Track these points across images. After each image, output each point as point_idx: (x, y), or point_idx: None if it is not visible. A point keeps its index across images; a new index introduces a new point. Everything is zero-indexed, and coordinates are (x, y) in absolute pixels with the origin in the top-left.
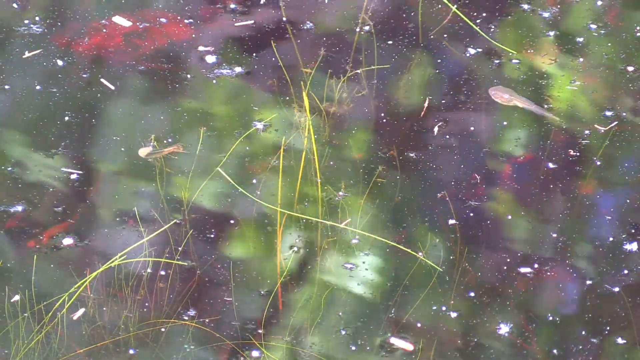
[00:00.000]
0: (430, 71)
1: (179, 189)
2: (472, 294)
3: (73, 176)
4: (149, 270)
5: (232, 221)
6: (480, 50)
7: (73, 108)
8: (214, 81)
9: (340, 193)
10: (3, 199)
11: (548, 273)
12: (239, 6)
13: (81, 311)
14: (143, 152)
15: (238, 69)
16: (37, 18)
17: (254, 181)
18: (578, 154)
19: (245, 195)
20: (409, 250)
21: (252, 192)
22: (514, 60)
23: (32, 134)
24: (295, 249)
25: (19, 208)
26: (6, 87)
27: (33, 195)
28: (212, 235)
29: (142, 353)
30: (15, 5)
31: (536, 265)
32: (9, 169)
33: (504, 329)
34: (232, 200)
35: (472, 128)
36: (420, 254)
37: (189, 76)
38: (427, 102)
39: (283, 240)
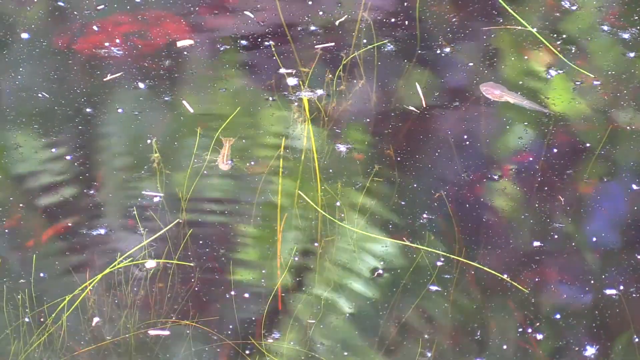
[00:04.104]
0: (427, 70)
1: (178, 188)
2: (558, 316)
3: (156, 199)
4: (148, 270)
5: (231, 221)
6: (561, 71)
7: (155, 131)
8: (295, 103)
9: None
10: (85, 222)
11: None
12: (319, 28)
13: (165, 333)
14: (225, 166)
15: (320, 91)
16: (117, 40)
17: (338, 203)
18: None
19: (326, 216)
20: (502, 277)
21: (252, 192)
22: (595, 82)
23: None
24: (380, 271)
25: (102, 231)
26: (88, 110)
27: (115, 218)
28: (212, 235)
29: (143, 353)
30: (95, 27)
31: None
32: (91, 192)
33: (590, 351)
34: (232, 200)
35: (465, 126)
36: (505, 275)
37: (270, 99)
38: (419, 89)
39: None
